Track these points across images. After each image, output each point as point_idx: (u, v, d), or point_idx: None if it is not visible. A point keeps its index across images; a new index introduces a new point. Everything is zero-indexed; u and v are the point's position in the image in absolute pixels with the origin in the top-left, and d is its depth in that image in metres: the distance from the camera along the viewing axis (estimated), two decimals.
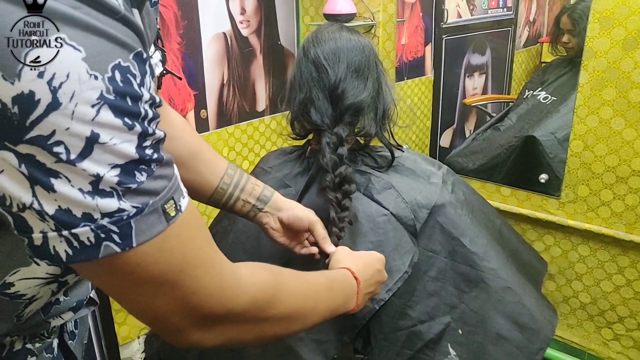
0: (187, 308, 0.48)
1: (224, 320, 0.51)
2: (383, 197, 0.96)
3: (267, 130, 1.88)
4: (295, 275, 0.64)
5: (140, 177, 0.41)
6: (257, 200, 0.84)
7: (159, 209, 0.43)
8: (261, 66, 1.81)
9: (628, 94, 1.32)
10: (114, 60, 0.38)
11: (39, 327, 0.61)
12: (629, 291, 1.46)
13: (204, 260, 0.49)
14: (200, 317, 0.49)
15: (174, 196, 0.45)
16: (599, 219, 1.45)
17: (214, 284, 0.49)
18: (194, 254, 0.47)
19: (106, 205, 0.40)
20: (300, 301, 0.61)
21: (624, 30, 1.28)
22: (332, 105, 0.94)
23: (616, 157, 1.38)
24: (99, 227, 0.40)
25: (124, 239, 0.41)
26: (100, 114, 0.38)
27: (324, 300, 0.66)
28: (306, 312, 0.62)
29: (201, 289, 0.48)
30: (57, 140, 0.37)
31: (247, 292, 0.53)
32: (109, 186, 0.39)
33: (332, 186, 0.92)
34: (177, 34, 1.53)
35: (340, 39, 0.95)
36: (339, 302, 0.70)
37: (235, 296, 0.52)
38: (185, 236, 0.46)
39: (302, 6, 1.87)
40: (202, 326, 0.50)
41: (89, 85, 0.37)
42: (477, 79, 2.46)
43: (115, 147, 0.39)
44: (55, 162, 0.37)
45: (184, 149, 0.81)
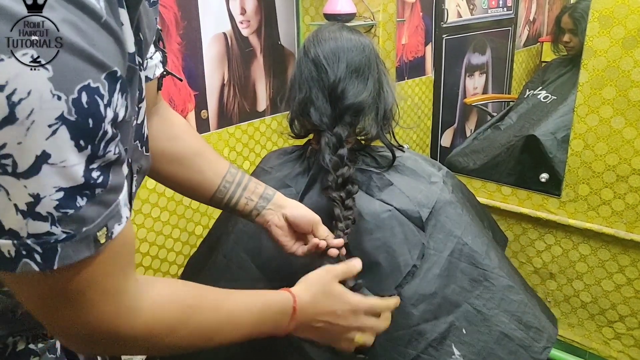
0: (78, 325, 0.49)
1: (113, 339, 0.52)
2: (385, 194, 0.96)
3: (268, 130, 1.88)
4: (217, 306, 0.62)
5: (81, 202, 0.41)
6: (260, 198, 0.84)
7: (90, 236, 0.42)
8: (261, 66, 1.81)
9: (628, 93, 1.32)
10: (84, 81, 0.38)
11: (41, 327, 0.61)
12: (630, 290, 1.46)
13: (108, 287, 0.49)
14: (87, 335, 0.50)
15: (108, 223, 0.44)
16: (600, 218, 1.45)
17: (108, 310, 0.49)
18: (102, 280, 0.47)
19: (36, 227, 0.39)
20: (207, 335, 0.60)
21: (623, 29, 1.28)
22: (331, 105, 0.94)
23: (616, 155, 1.38)
24: (22, 245, 0.39)
25: (45, 261, 0.41)
26: (57, 134, 0.37)
27: (243, 330, 0.64)
28: (214, 342, 0.61)
29: (94, 312, 0.48)
30: (6, 153, 0.36)
31: (139, 322, 0.53)
32: (45, 211, 0.39)
33: (335, 186, 0.92)
34: (177, 34, 1.53)
35: (341, 38, 0.95)
36: (267, 328, 0.67)
37: (126, 325, 0.52)
38: (104, 264, 0.46)
39: (302, 6, 1.88)
40: (87, 341, 0.51)
41: (50, 105, 0.36)
42: (477, 78, 2.46)
43: (64, 169, 0.38)
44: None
45: (186, 148, 0.81)
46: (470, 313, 0.92)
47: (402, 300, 0.91)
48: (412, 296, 0.91)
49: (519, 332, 0.91)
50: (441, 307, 0.92)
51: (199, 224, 1.72)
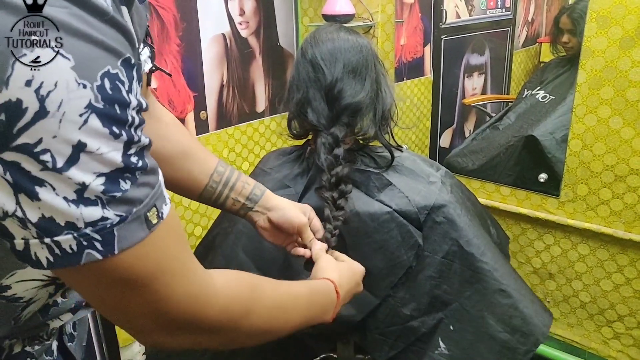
0: (155, 312, 0.48)
1: (190, 327, 0.52)
2: (384, 195, 0.96)
3: (267, 131, 1.89)
4: (275, 287, 0.64)
5: (125, 185, 0.41)
6: (246, 199, 0.84)
7: (141, 216, 0.43)
8: (260, 67, 1.82)
9: (625, 93, 1.32)
10: (103, 67, 0.38)
11: (38, 330, 0.61)
12: (629, 290, 1.47)
13: (178, 269, 0.49)
14: (167, 322, 0.50)
15: (157, 203, 0.45)
16: (598, 218, 1.45)
17: (185, 293, 0.49)
18: (168, 262, 0.48)
19: (90, 214, 0.40)
20: (274, 315, 0.62)
21: (621, 30, 1.29)
22: (328, 106, 0.94)
23: (614, 155, 1.38)
24: (82, 235, 0.40)
25: (105, 247, 0.41)
26: (88, 123, 0.38)
27: (301, 312, 0.67)
28: (279, 325, 0.63)
29: (171, 296, 0.48)
30: (44, 149, 0.37)
31: (218, 303, 0.53)
32: (94, 195, 0.39)
33: (328, 186, 0.92)
34: (176, 35, 1.54)
35: (338, 39, 0.95)
36: (317, 314, 0.70)
37: (205, 306, 0.52)
38: (163, 244, 0.46)
39: (301, 7, 1.88)
40: (168, 330, 0.51)
41: (78, 94, 0.37)
42: (476, 79, 2.46)
43: (102, 156, 0.39)
44: (41, 170, 0.37)
45: (173, 147, 0.81)
46: (459, 312, 0.95)
47: (395, 299, 0.95)
48: (404, 296, 0.94)
49: (505, 334, 0.93)
50: (431, 306, 0.96)
51: (198, 225, 1.72)
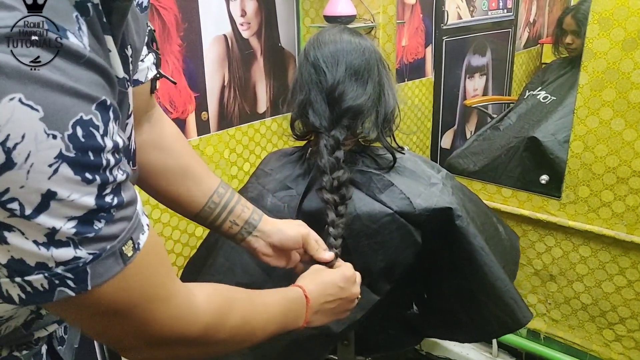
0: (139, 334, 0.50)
1: (175, 343, 0.53)
2: (386, 196, 0.96)
3: (268, 132, 1.88)
4: (249, 297, 0.66)
5: (99, 224, 0.41)
6: (245, 224, 0.81)
7: (116, 252, 0.43)
8: (262, 68, 1.82)
9: (628, 95, 1.32)
10: (75, 115, 0.38)
11: (22, 340, 0.61)
12: (630, 292, 1.46)
13: (160, 295, 0.50)
14: (151, 341, 0.51)
15: (133, 235, 0.45)
16: (600, 220, 1.45)
17: (168, 315, 0.50)
18: (150, 290, 0.48)
19: (61, 255, 0.40)
20: (250, 324, 0.63)
21: (623, 31, 1.29)
22: (329, 108, 0.94)
23: (616, 157, 1.38)
24: (54, 275, 0.40)
25: (78, 284, 0.41)
26: (59, 172, 0.37)
27: (275, 320, 0.68)
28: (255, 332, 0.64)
29: (155, 320, 0.49)
30: (11, 197, 0.36)
31: (200, 320, 0.54)
32: (65, 237, 0.39)
33: (330, 188, 0.92)
34: (177, 36, 1.54)
35: (341, 41, 0.95)
36: (290, 320, 0.71)
37: (189, 324, 0.53)
38: (142, 273, 0.47)
39: (303, 8, 1.88)
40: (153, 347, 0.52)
41: (47, 145, 0.36)
42: (477, 80, 2.46)
43: (74, 202, 0.39)
44: (8, 217, 0.37)
45: (174, 162, 0.79)
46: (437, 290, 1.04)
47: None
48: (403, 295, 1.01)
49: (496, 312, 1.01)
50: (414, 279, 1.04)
51: (199, 226, 1.72)
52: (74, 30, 0.39)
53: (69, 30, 0.38)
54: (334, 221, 0.90)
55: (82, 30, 0.40)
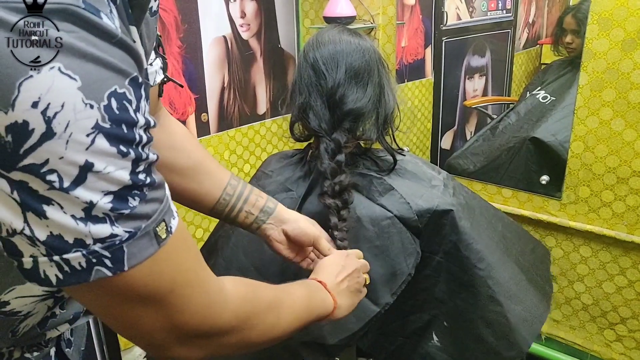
0: (172, 325, 0.49)
1: (207, 335, 0.52)
2: (386, 200, 0.95)
3: (268, 133, 1.89)
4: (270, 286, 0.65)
5: (133, 202, 0.41)
6: (260, 212, 0.83)
7: (150, 232, 0.43)
8: (261, 69, 1.82)
9: (628, 95, 1.32)
10: (110, 87, 0.38)
11: (35, 339, 0.61)
12: (631, 292, 1.46)
13: (192, 280, 0.49)
14: (184, 334, 0.50)
15: (165, 218, 0.45)
16: (600, 220, 1.45)
17: (201, 302, 0.50)
18: (183, 275, 0.48)
19: (99, 231, 0.40)
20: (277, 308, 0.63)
21: (622, 32, 1.29)
22: (329, 111, 0.93)
23: (617, 158, 1.38)
24: (91, 253, 0.40)
25: (115, 263, 0.41)
26: (95, 143, 0.37)
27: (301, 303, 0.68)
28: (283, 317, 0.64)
29: (188, 307, 0.49)
30: (50, 169, 0.37)
31: (230, 308, 0.54)
32: (102, 212, 0.39)
33: (332, 193, 0.91)
34: (177, 37, 1.54)
35: (341, 42, 0.94)
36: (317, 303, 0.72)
37: (220, 312, 0.53)
38: (175, 257, 0.47)
39: (302, 9, 1.88)
40: (185, 342, 0.51)
41: (85, 115, 0.37)
42: (477, 80, 2.46)
43: (110, 175, 0.39)
44: (48, 190, 0.37)
45: (186, 159, 0.80)
46: (453, 311, 0.98)
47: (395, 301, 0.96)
48: (404, 294, 0.95)
49: (492, 339, 0.96)
50: (428, 302, 0.99)
51: (199, 227, 1.72)
52: (107, 12, 0.39)
53: (102, 12, 0.38)
54: (337, 225, 0.90)
55: (113, 14, 0.40)
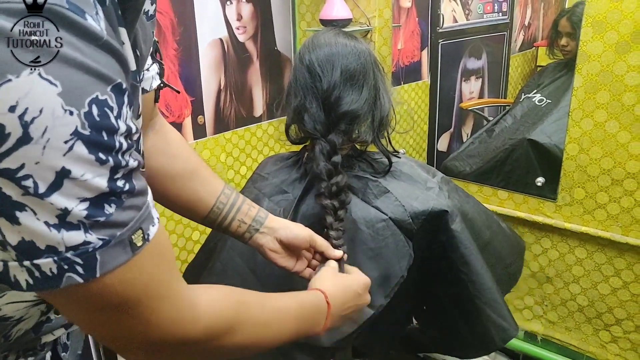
0: (137, 335, 0.48)
1: (174, 347, 0.51)
2: (381, 202, 0.96)
3: (265, 135, 1.89)
4: (262, 302, 0.64)
5: (109, 209, 0.41)
6: (252, 221, 0.83)
7: (125, 240, 0.42)
8: (258, 72, 1.82)
9: (622, 97, 1.33)
10: (92, 94, 0.38)
11: (30, 344, 0.61)
12: (626, 293, 1.47)
13: (163, 293, 0.48)
14: (149, 344, 0.50)
15: (143, 225, 0.44)
16: (595, 222, 1.46)
17: (169, 317, 0.49)
18: (154, 286, 0.47)
19: (72, 239, 0.39)
20: (260, 332, 0.61)
21: (616, 34, 1.29)
22: (325, 113, 0.93)
23: (611, 159, 1.38)
24: (63, 259, 0.39)
25: (87, 271, 0.41)
26: (74, 150, 0.37)
27: (289, 328, 0.66)
28: (266, 341, 0.63)
29: (155, 320, 0.48)
30: (26, 174, 0.36)
31: (201, 323, 0.53)
32: (77, 219, 0.39)
33: (328, 193, 0.92)
34: (173, 40, 1.54)
35: (336, 44, 0.94)
36: (306, 327, 0.69)
37: (189, 327, 0.52)
38: (148, 267, 0.46)
39: (299, 12, 1.88)
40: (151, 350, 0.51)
41: (63, 121, 0.36)
42: (473, 83, 2.47)
43: (87, 182, 0.38)
44: (22, 195, 0.37)
45: (181, 166, 0.80)
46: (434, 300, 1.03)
47: None
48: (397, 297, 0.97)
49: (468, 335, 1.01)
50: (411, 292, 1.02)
51: (196, 230, 1.72)
52: (92, 14, 0.39)
53: (88, 13, 0.38)
54: (332, 224, 0.91)
55: (99, 15, 0.40)
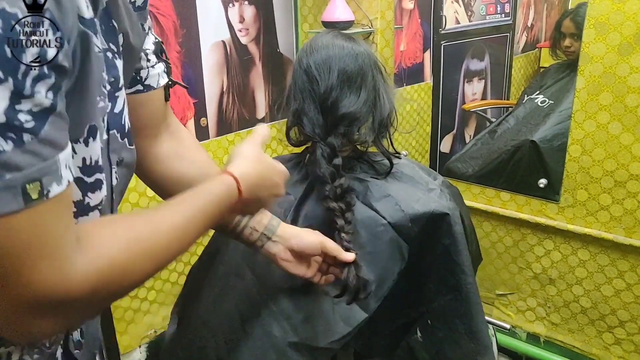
0: (19, 297, 0.43)
1: (66, 305, 0.46)
2: (381, 206, 0.96)
3: None
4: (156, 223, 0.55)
5: (4, 145, 0.36)
6: (265, 229, 0.82)
7: (17, 187, 0.38)
8: (260, 74, 1.82)
9: (624, 99, 1.32)
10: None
11: None
12: (630, 295, 1.46)
13: (49, 252, 0.43)
14: (37, 306, 0.44)
15: (43, 179, 0.39)
16: (598, 223, 1.45)
17: (54, 277, 0.43)
18: (41, 244, 0.42)
19: None
20: (161, 253, 0.54)
21: (619, 36, 1.29)
22: (323, 116, 0.94)
23: (614, 161, 1.38)
24: None
25: None
26: None
27: (196, 228, 0.59)
28: (171, 254, 0.56)
29: (39, 280, 0.42)
30: None
31: (89, 279, 0.46)
32: None
33: (334, 196, 0.92)
34: (176, 42, 1.54)
35: (333, 47, 0.95)
36: (216, 216, 0.62)
37: (79, 284, 0.45)
38: (40, 224, 0.41)
39: (301, 14, 1.89)
40: (40, 315, 0.45)
41: None
42: (476, 84, 2.47)
43: None
44: None
45: (197, 172, 0.79)
46: (437, 312, 1.01)
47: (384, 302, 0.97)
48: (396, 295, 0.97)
49: (471, 345, 0.99)
50: (416, 301, 1.01)
51: None
52: None
53: None
54: (344, 227, 0.90)
55: None
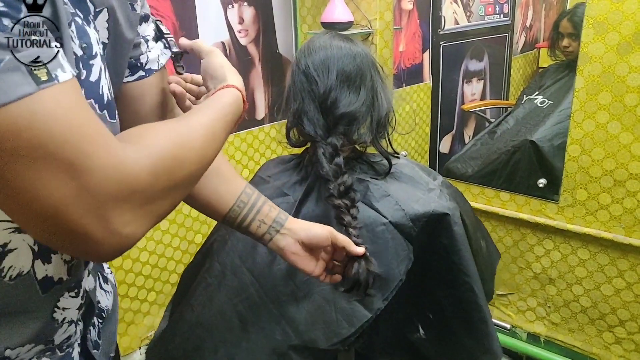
0: (82, 189, 0.39)
1: (134, 189, 0.43)
2: (382, 205, 0.96)
3: (267, 138, 1.89)
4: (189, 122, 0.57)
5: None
6: (273, 222, 0.81)
7: (22, 67, 0.36)
8: (260, 75, 1.82)
9: (623, 98, 1.33)
10: None
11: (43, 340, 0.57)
12: (629, 294, 1.46)
13: (92, 135, 0.40)
14: (109, 191, 0.41)
15: (49, 65, 0.38)
16: (598, 223, 1.46)
17: (109, 163, 0.41)
18: (80, 125, 0.39)
19: None
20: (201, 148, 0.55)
21: (618, 35, 1.29)
22: (323, 116, 0.94)
23: (613, 160, 1.38)
24: None
25: None
26: None
27: (221, 130, 0.61)
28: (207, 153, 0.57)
29: (96, 168, 0.40)
30: None
31: (146, 163, 0.45)
32: None
33: (338, 193, 0.91)
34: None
35: (331, 47, 0.95)
36: (230, 124, 0.64)
37: (138, 167, 0.44)
38: (67, 104, 0.39)
39: (300, 15, 1.89)
40: (114, 202, 0.41)
41: None
42: (475, 84, 2.47)
43: None
44: None
45: None
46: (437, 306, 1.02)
47: None
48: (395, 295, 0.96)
49: (470, 342, 1.00)
50: (414, 298, 1.02)
51: (198, 233, 1.73)
52: None
53: None
54: (351, 222, 0.90)
55: None
